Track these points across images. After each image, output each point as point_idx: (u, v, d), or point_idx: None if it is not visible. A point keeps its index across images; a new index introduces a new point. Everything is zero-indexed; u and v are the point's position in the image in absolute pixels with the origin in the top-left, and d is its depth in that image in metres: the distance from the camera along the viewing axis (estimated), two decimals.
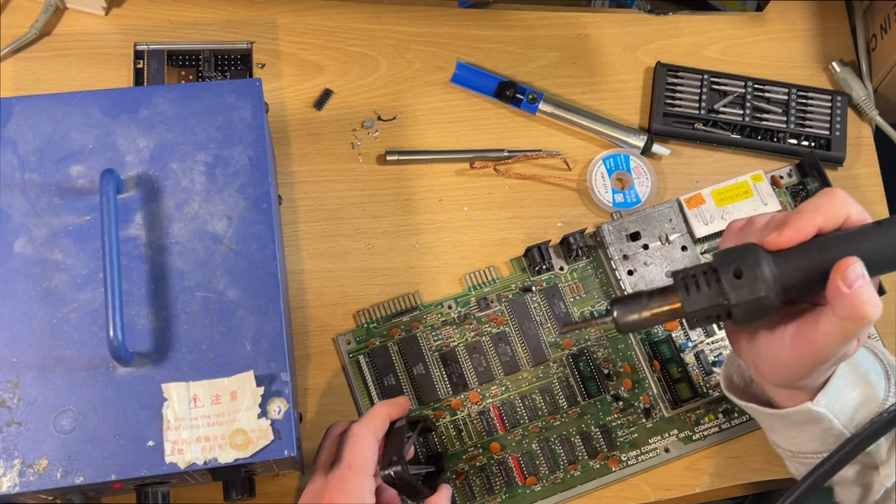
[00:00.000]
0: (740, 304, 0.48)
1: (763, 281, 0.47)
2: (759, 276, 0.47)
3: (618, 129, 0.73)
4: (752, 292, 0.48)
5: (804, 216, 0.48)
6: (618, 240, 0.68)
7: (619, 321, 0.51)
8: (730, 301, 0.48)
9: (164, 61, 0.72)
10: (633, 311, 0.51)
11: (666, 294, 0.50)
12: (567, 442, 0.65)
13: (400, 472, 0.57)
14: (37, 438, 0.52)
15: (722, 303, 0.49)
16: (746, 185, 0.70)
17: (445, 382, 0.66)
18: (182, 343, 0.54)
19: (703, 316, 0.50)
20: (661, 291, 0.51)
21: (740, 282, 0.48)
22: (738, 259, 0.48)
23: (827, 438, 0.54)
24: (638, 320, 0.51)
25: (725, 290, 0.48)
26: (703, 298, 0.49)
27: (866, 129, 0.76)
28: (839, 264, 0.47)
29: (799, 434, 0.55)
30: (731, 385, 0.59)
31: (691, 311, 0.49)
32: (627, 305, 0.51)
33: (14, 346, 0.53)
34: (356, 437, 0.57)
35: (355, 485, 0.55)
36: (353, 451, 0.56)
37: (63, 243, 0.55)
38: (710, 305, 0.49)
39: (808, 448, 0.55)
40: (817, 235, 0.49)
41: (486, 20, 0.76)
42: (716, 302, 0.49)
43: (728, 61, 0.77)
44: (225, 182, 0.58)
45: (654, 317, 0.51)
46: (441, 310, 0.67)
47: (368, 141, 0.72)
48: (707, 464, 0.66)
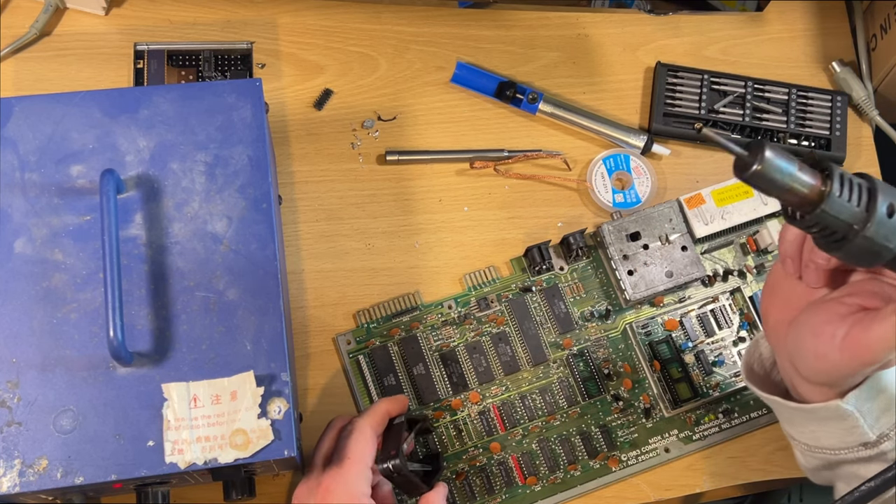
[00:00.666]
0: (870, 238, 0.44)
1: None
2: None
3: (618, 129, 0.73)
4: (886, 237, 0.44)
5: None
6: (618, 240, 0.68)
7: (757, 167, 0.43)
8: (865, 229, 0.43)
9: (164, 61, 0.72)
10: (780, 164, 0.43)
11: (818, 175, 0.44)
12: (567, 442, 0.65)
13: (398, 466, 0.57)
14: (37, 438, 0.52)
15: (855, 226, 0.44)
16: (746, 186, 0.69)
17: (445, 382, 0.66)
18: (182, 343, 0.54)
19: (830, 222, 0.44)
20: (815, 170, 0.44)
21: (889, 221, 0.44)
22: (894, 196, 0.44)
23: (849, 437, 0.53)
24: (776, 178, 0.43)
25: (871, 217, 0.43)
26: (847, 208, 0.43)
27: (866, 129, 0.76)
28: None
29: (820, 429, 0.54)
30: (751, 373, 0.58)
31: (828, 211, 0.44)
32: (780, 156, 0.43)
33: (14, 346, 0.53)
34: (356, 431, 0.57)
35: (353, 477, 0.56)
36: (353, 444, 0.56)
37: (63, 243, 0.55)
38: (847, 219, 0.44)
39: (828, 444, 0.54)
40: None
41: (486, 20, 0.76)
42: (854, 220, 0.44)
43: (728, 61, 0.77)
44: (225, 182, 0.58)
45: (792, 188, 0.44)
46: (441, 310, 0.67)
47: (368, 141, 0.72)
48: (707, 464, 0.66)
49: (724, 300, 0.69)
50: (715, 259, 0.70)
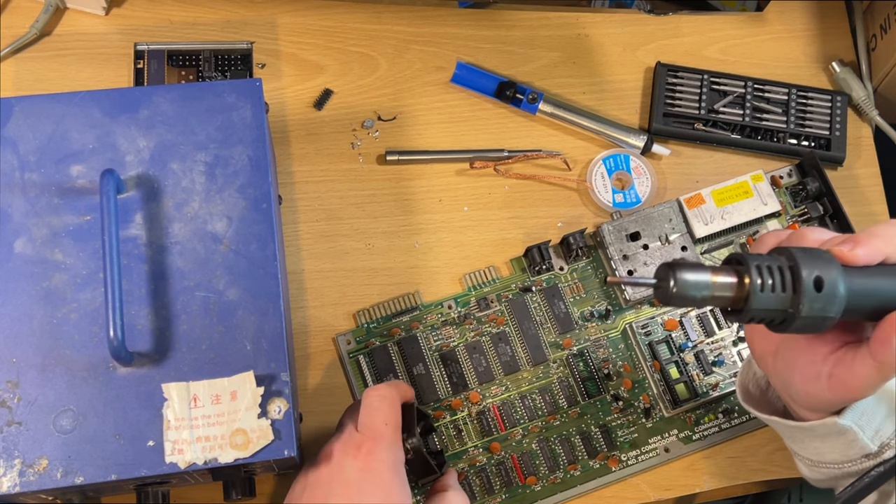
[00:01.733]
0: (808, 317, 0.43)
1: (839, 299, 0.43)
2: (837, 294, 0.43)
3: (618, 129, 0.73)
4: (824, 309, 0.43)
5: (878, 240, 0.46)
6: (617, 240, 0.68)
7: (672, 290, 0.43)
8: (799, 312, 0.43)
9: (164, 61, 0.72)
10: (693, 283, 0.43)
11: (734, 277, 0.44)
12: (567, 442, 0.65)
13: (415, 445, 0.57)
14: (37, 438, 0.52)
15: (788, 310, 0.44)
16: (746, 186, 0.70)
17: (445, 382, 0.66)
18: (182, 343, 0.54)
19: (761, 316, 0.44)
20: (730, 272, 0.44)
21: (818, 295, 0.43)
22: (820, 267, 0.43)
23: (851, 451, 0.53)
24: (693, 296, 0.44)
25: (800, 299, 0.43)
26: (774, 299, 0.43)
27: (866, 129, 0.76)
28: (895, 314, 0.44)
29: (822, 446, 0.54)
30: (748, 395, 0.58)
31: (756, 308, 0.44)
32: (688, 274, 0.43)
33: (14, 346, 0.53)
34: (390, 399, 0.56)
35: (395, 443, 0.55)
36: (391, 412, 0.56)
37: (63, 243, 0.55)
38: (778, 309, 0.44)
39: (830, 459, 0.54)
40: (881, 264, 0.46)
41: (486, 20, 0.76)
42: (785, 307, 0.44)
43: (728, 61, 0.77)
44: (225, 182, 0.58)
45: (712, 298, 0.44)
46: (441, 310, 0.67)
47: (368, 141, 0.72)
48: (707, 464, 0.66)
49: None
50: (715, 259, 0.70)
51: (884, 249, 0.46)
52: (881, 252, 0.46)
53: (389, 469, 0.54)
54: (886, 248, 0.46)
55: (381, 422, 0.55)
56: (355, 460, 0.54)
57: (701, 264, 0.44)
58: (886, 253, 0.46)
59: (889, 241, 0.46)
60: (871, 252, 0.45)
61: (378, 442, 0.54)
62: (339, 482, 0.53)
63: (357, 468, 0.53)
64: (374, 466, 0.53)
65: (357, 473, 0.53)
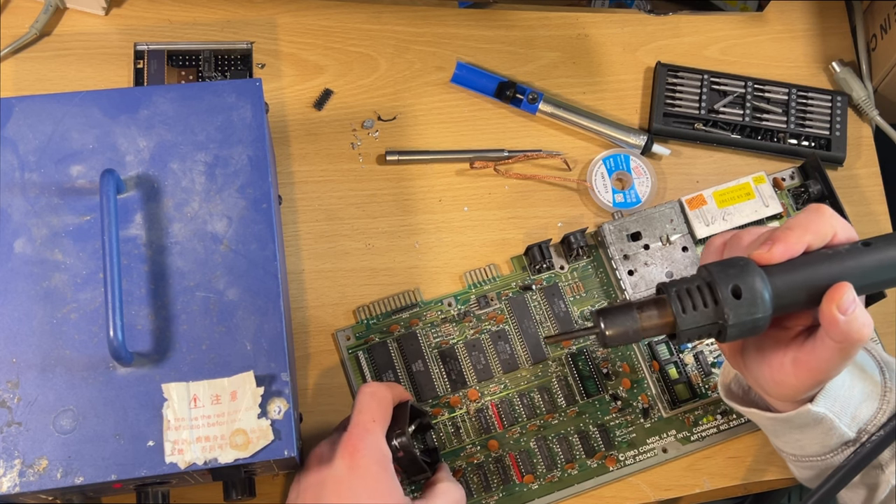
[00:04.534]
0: (737, 324, 0.47)
1: (761, 300, 0.46)
2: (758, 296, 0.46)
3: (618, 129, 0.73)
4: (749, 313, 0.46)
5: (794, 232, 0.48)
6: (618, 240, 0.68)
7: (605, 334, 0.48)
8: (727, 321, 0.46)
9: (164, 61, 0.72)
10: (623, 323, 0.48)
11: (658, 308, 0.48)
12: (565, 441, 0.65)
13: (405, 443, 0.58)
14: (37, 438, 0.52)
15: (718, 322, 0.47)
16: (748, 187, 0.70)
17: (444, 380, 0.66)
18: (182, 343, 0.54)
19: (696, 334, 0.48)
20: (653, 304, 0.48)
21: (739, 302, 0.46)
22: (735, 276, 0.46)
23: (830, 440, 0.54)
24: (627, 334, 0.48)
25: (723, 310, 0.46)
26: (700, 316, 0.47)
27: (866, 129, 0.76)
28: (832, 291, 0.47)
29: (802, 437, 0.55)
30: (730, 393, 0.59)
31: (685, 329, 0.48)
32: (616, 318, 0.48)
33: (14, 346, 0.53)
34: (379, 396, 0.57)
35: (380, 438, 0.56)
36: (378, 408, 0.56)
37: (63, 243, 0.56)
38: (707, 324, 0.47)
39: (813, 451, 0.55)
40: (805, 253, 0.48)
41: (486, 20, 0.76)
42: (712, 321, 0.47)
43: (728, 61, 0.77)
44: (225, 182, 0.58)
45: (645, 331, 0.48)
46: (441, 307, 0.67)
47: (368, 141, 0.72)
48: (707, 464, 0.66)
49: None
50: None
51: (803, 239, 0.48)
52: (800, 243, 0.48)
53: (377, 464, 0.54)
54: (805, 237, 0.48)
55: (370, 419, 0.56)
56: (342, 458, 0.54)
57: (629, 304, 0.48)
58: (806, 242, 0.48)
59: (807, 230, 0.48)
60: (787, 248, 0.47)
61: (364, 439, 0.55)
62: (330, 481, 0.54)
63: (346, 466, 0.54)
64: (361, 463, 0.54)
65: (345, 471, 0.54)
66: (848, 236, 0.49)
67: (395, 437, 0.58)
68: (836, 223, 0.49)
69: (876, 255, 0.47)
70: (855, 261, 0.47)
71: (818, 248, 0.49)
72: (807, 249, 0.48)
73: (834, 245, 0.49)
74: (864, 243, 0.48)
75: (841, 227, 0.49)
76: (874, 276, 0.47)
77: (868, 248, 0.48)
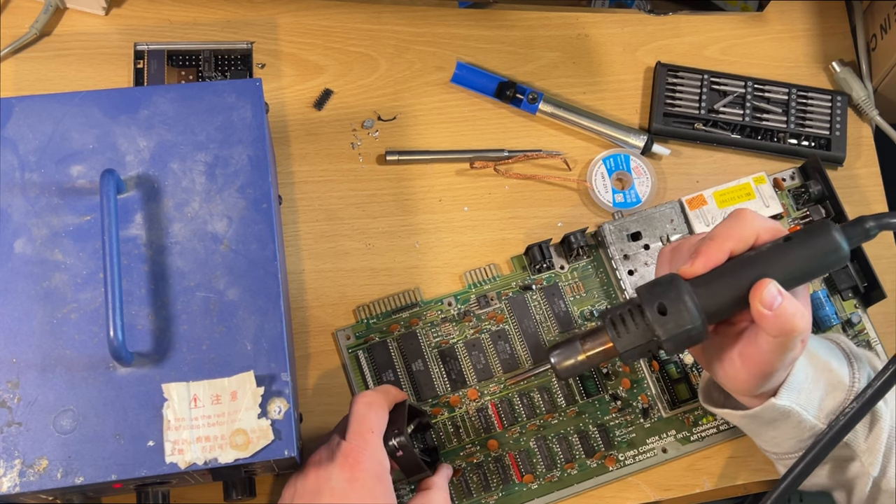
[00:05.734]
0: (669, 338, 0.50)
1: (687, 313, 0.49)
2: (683, 310, 0.49)
3: (618, 129, 0.73)
4: (678, 326, 0.49)
5: (714, 242, 0.50)
6: (619, 239, 0.68)
7: (556, 368, 0.53)
8: (659, 337, 0.50)
9: (164, 61, 0.72)
10: (569, 356, 0.53)
11: (598, 336, 0.52)
12: (564, 441, 0.65)
13: (403, 443, 0.58)
14: (37, 438, 0.52)
15: (652, 339, 0.50)
16: (748, 187, 0.70)
17: (444, 379, 0.66)
18: (182, 343, 0.54)
19: (637, 354, 0.51)
20: (593, 333, 0.52)
21: (666, 318, 0.49)
22: (661, 294, 0.50)
23: (802, 434, 0.55)
24: (575, 365, 0.53)
25: (653, 327, 0.50)
26: (634, 337, 0.51)
27: (866, 129, 0.76)
28: (754, 289, 0.48)
29: (777, 433, 0.56)
30: (709, 398, 0.61)
31: (624, 351, 0.51)
32: (563, 352, 0.53)
33: (14, 346, 0.53)
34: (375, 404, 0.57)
35: (379, 448, 0.56)
36: (375, 418, 0.57)
37: (63, 243, 0.56)
38: (642, 343, 0.51)
39: (788, 447, 0.57)
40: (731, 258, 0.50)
41: (486, 20, 0.76)
42: (646, 339, 0.51)
43: (728, 61, 0.77)
44: (225, 182, 0.58)
45: (590, 359, 0.53)
46: (441, 307, 0.67)
47: (368, 141, 0.72)
48: (707, 464, 0.66)
49: None
50: None
51: (724, 247, 0.50)
52: (721, 251, 0.50)
53: (374, 477, 0.55)
54: (726, 244, 0.50)
55: (368, 429, 0.56)
56: (342, 470, 0.55)
57: (574, 337, 0.53)
58: (728, 249, 0.50)
59: (728, 237, 0.50)
60: (707, 259, 0.50)
61: (363, 451, 0.55)
62: (326, 491, 0.54)
63: (343, 478, 0.54)
64: (358, 476, 0.54)
65: (343, 483, 0.54)
66: (773, 234, 0.51)
67: (394, 436, 0.58)
68: (759, 225, 0.50)
69: (796, 248, 0.49)
70: (775, 257, 0.49)
71: (743, 252, 0.50)
72: (732, 255, 0.50)
73: (758, 246, 0.50)
74: (786, 238, 0.50)
75: (764, 228, 0.51)
76: (796, 269, 0.49)
77: (788, 242, 0.49)
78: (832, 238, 0.49)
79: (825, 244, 0.49)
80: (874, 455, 0.55)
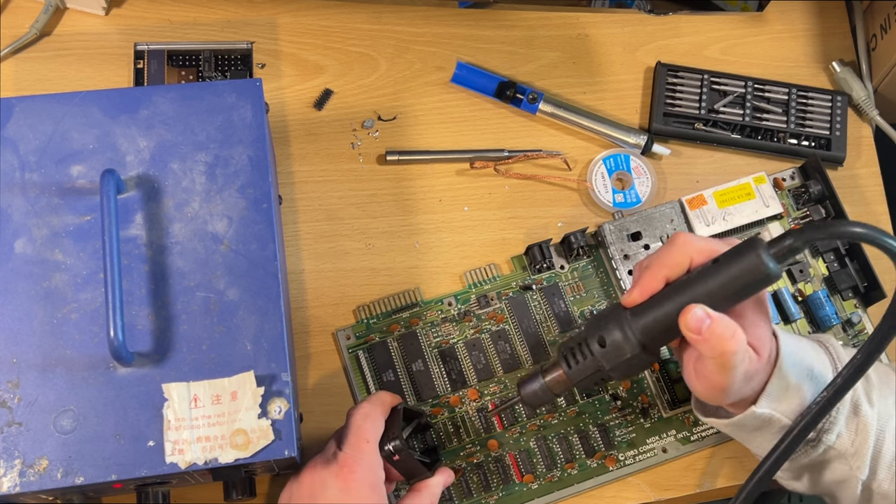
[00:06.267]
0: (612, 368, 0.53)
1: (625, 343, 0.52)
2: (621, 341, 0.52)
3: (618, 129, 0.73)
4: (618, 356, 0.53)
5: (650, 271, 0.52)
6: (619, 239, 0.68)
7: (524, 400, 0.57)
8: (605, 367, 0.53)
9: (164, 61, 0.72)
10: (532, 388, 0.57)
11: (555, 368, 0.56)
12: (565, 441, 0.65)
13: (400, 447, 0.58)
14: (37, 438, 0.52)
15: (599, 368, 0.54)
16: (748, 187, 0.70)
17: (444, 379, 0.66)
18: (182, 343, 0.54)
19: (589, 382, 0.55)
20: (553, 366, 0.56)
21: (606, 349, 0.53)
22: (602, 327, 0.53)
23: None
24: (538, 395, 0.57)
25: (597, 359, 0.53)
26: (584, 368, 0.54)
27: (866, 129, 0.76)
28: (682, 316, 0.50)
29: (763, 440, 0.56)
30: (700, 406, 0.61)
31: (577, 382, 0.55)
32: (527, 385, 0.57)
33: (14, 346, 0.53)
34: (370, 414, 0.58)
35: (374, 459, 0.56)
36: (371, 427, 0.57)
37: (63, 243, 0.56)
38: (591, 373, 0.55)
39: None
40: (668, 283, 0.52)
41: (486, 20, 0.76)
42: (594, 369, 0.54)
43: (728, 61, 0.77)
44: (225, 182, 0.58)
45: (552, 389, 0.56)
46: (441, 307, 0.67)
47: (368, 141, 0.72)
48: (707, 464, 0.66)
49: None
50: None
51: (659, 275, 0.52)
52: (657, 279, 0.52)
53: (368, 486, 0.55)
54: (661, 272, 0.52)
55: (364, 440, 0.56)
56: (337, 479, 0.55)
57: (537, 370, 0.57)
58: (663, 276, 0.52)
59: (663, 265, 0.52)
60: (643, 289, 0.52)
61: (359, 461, 0.55)
62: (320, 498, 0.55)
63: (339, 488, 0.54)
64: (353, 487, 0.55)
65: (337, 492, 0.54)
66: (707, 257, 0.52)
67: (390, 441, 0.58)
68: (692, 249, 0.52)
69: (723, 270, 0.50)
70: (703, 281, 0.51)
71: (678, 277, 0.52)
72: (668, 280, 0.52)
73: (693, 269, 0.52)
74: (714, 261, 0.51)
75: (697, 250, 0.52)
76: (724, 290, 0.50)
77: (716, 264, 0.51)
78: (756, 258, 0.49)
79: (749, 264, 0.49)
80: (861, 458, 0.55)
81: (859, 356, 0.50)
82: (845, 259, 0.69)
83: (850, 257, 0.69)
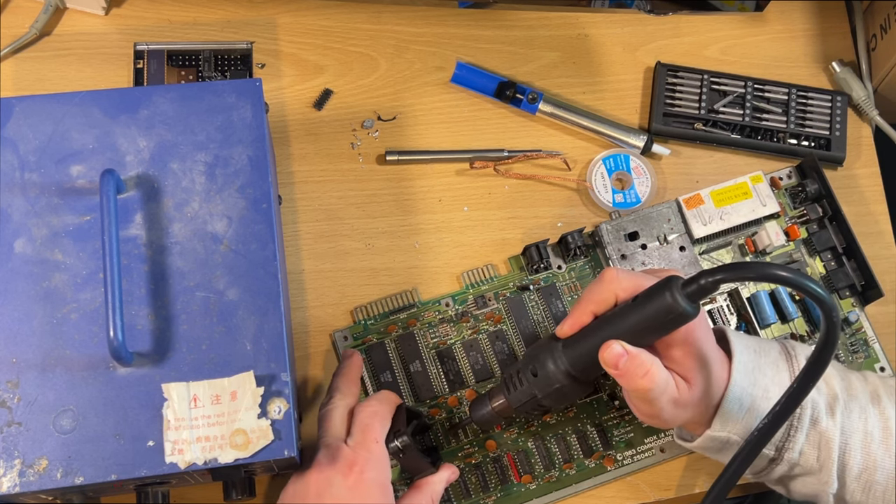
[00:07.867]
0: (545, 396, 0.57)
1: (555, 374, 0.56)
2: (550, 372, 0.56)
3: (618, 129, 0.73)
4: (548, 386, 0.56)
5: (579, 306, 0.55)
6: (616, 239, 0.68)
7: (474, 421, 0.61)
8: (538, 395, 0.57)
9: (164, 61, 0.72)
10: (480, 411, 0.60)
11: (499, 393, 0.59)
12: (563, 441, 0.65)
13: (406, 443, 0.59)
14: (37, 438, 0.52)
15: (533, 396, 0.57)
16: (745, 187, 0.70)
17: (442, 380, 0.66)
18: (182, 343, 0.54)
19: (528, 408, 0.58)
20: (497, 391, 0.59)
21: (538, 379, 0.56)
22: (535, 358, 0.57)
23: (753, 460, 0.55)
24: (485, 418, 0.60)
25: (532, 389, 0.57)
26: (521, 395, 0.58)
27: (866, 129, 0.76)
28: (601, 351, 0.52)
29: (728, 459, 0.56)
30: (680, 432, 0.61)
31: (516, 407, 0.58)
32: (476, 408, 0.60)
33: (14, 346, 0.53)
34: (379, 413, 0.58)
35: (384, 459, 0.57)
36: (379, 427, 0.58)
37: (63, 243, 0.56)
38: (527, 400, 0.58)
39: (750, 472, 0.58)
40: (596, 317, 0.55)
41: (486, 20, 0.76)
42: (529, 396, 0.57)
43: (728, 61, 0.77)
44: (225, 182, 0.58)
45: (499, 413, 0.60)
46: (438, 307, 0.67)
47: (368, 141, 0.72)
48: (707, 464, 0.66)
49: (722, 301, 0.69)
50: (713, 260, 0.70)
51: (587, 310, 0.55)
52: (585, 314, 0.55)
53: (378, 487, 0.55)
54: (588, 307, 0.55)
55: (373, 439, 0.57)
56: (346, 478, 0.55)
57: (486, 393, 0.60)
58: (591, 311, 0.55)
59: (590, 301, 0.55)
60: (573, 323, 0.55)
61: (368, 461, 0.55)
62: (326, 496, 0.55)
63: (347, 486, 0.55)
64: (362, 486, 0.55)
65: (346, 491, 0.54)
66: (630, 294, 0.53)
67: (396, 437, 0.59)
68: (617, 286, 0.54)
69: (640, 309, 0.52)
70: (621, 319, 0.53)
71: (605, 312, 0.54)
72: (596, 315, 0.55)
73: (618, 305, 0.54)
74: (634, 299, 0.53)
75: (622, 288, 0.54)
76: (640, 328, 0.52)
77: (634, 303, 0.53)
78: (670, 297, 0.50)
79: (662, 304, 0.51)
80: (828, 473, 0.55)
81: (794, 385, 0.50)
82: (842, 258, 0.69)
83: (847, 256, 0.69)
